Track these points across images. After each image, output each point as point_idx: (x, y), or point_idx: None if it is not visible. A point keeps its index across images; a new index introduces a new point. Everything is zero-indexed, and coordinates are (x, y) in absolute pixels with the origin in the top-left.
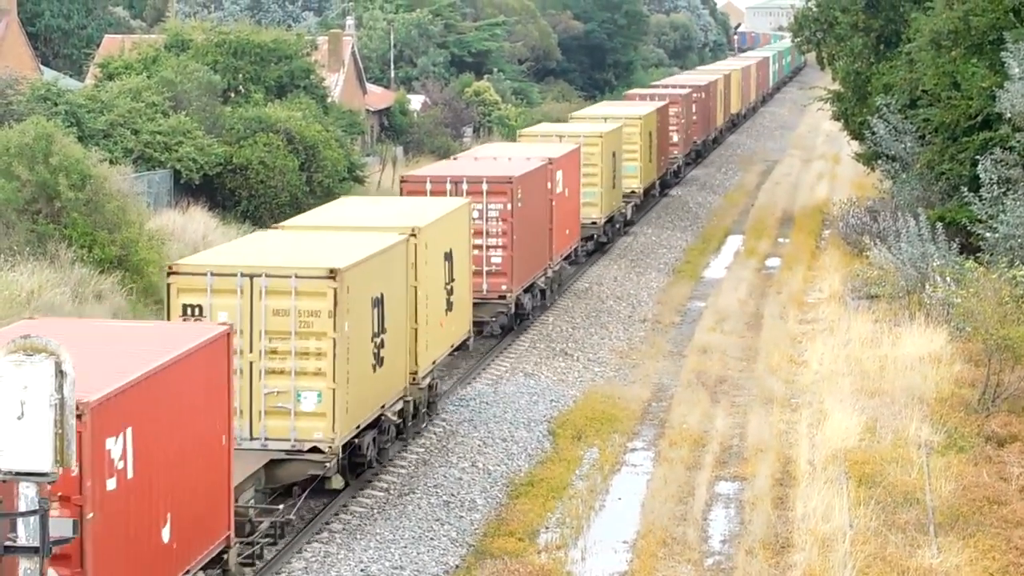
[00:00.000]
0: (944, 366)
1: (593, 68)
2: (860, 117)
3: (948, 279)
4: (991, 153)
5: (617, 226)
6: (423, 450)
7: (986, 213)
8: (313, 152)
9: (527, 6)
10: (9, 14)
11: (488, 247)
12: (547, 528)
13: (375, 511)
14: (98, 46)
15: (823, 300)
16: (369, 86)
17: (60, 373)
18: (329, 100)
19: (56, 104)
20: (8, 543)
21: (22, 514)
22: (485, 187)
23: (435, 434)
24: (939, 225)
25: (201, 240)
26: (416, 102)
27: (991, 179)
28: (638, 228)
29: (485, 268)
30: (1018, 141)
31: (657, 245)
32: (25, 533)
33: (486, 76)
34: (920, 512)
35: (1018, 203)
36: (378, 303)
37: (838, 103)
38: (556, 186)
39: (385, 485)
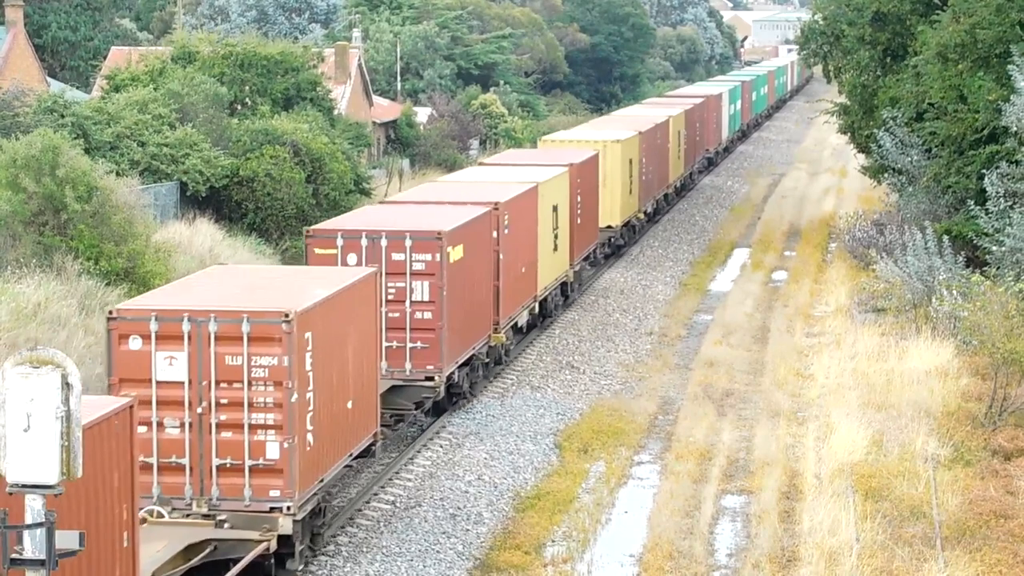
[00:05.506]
0: (951, 380)
1: (600, 81)
2: (867, 130)
3: (955, 292)
4: (997, 166)
5: None
6: (429, 463)
7: (992, 226)
8: (319, 165)
9: (534, 19)
10: (16, 26)
11: None
12: (553, 542)
13: (381, 524)
14: (105, 58)
15: (830, 313)
16: (376, 98)
17: (66, 385)
18: (336, 112)
19: (63, 116)
20: (14, 555)
21: (28, 527)
22: None
23: (441, 447)
24: (945, 238)
25: (208, 252)
26: (423, 114)
27: (997, 192)
28: (644, 241)
29: None
30: None
31: (663, 258)
32: (31, 545)
33: (492, 89)
34: (927, 526)
35: None
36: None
37: (845, 116)
38: None
39: (391, 498)
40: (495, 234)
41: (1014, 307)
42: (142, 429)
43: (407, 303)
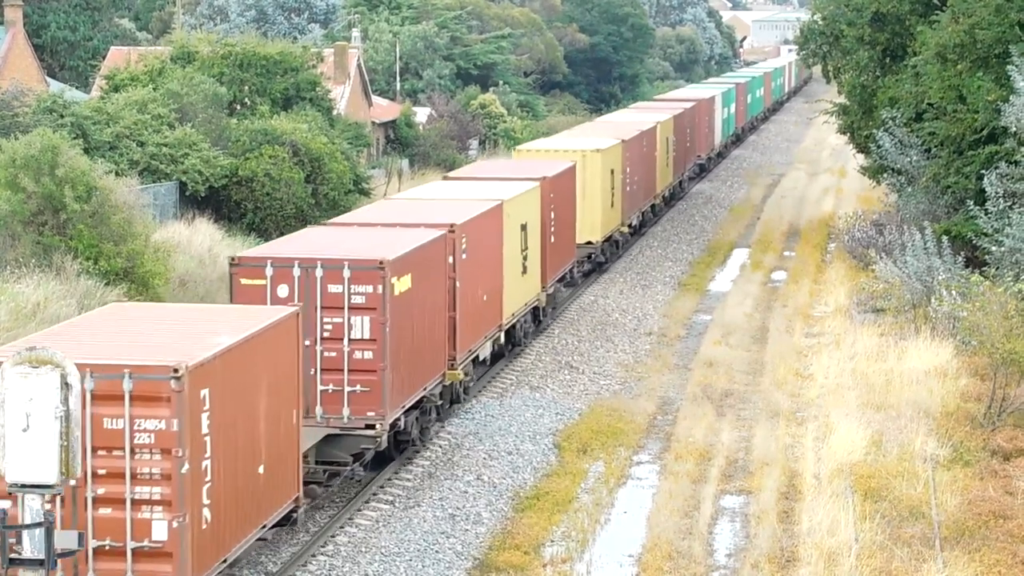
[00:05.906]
0: (950, 380)
1: (599, 81)
2: (866, 130)
3: (954, 293)
4: (996, 167)
5: None
6: (428, 463)
7: (992, 227)
8: (319, 164)
9: (533, 19)
10: (15, 26)
11: None
12: (552, 542)
13: (380, 524)
14: (104, 58)
15: (829, 314)
16: (375, 98)
17: (66, 385)
18: (335, 112)
19: (62, 116)
20: (13, 555)
21: (27, 526)
22: None
23: (440, 447)
24: (945, 239)
25: (207, 252)
26: (422, 115)
27: (997, 193)
28: (642, 242)
29: None
30: (1023, 155)
31: (663, 258)
32: (30, 545)
33: (492, 89)
34: (926, 526)
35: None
36: None
37: (844, 116)
38: None
39: (391, 498)
40: (451, 259)
41: (1013, 307)
42: (6, 503)
43: (345, 341)
